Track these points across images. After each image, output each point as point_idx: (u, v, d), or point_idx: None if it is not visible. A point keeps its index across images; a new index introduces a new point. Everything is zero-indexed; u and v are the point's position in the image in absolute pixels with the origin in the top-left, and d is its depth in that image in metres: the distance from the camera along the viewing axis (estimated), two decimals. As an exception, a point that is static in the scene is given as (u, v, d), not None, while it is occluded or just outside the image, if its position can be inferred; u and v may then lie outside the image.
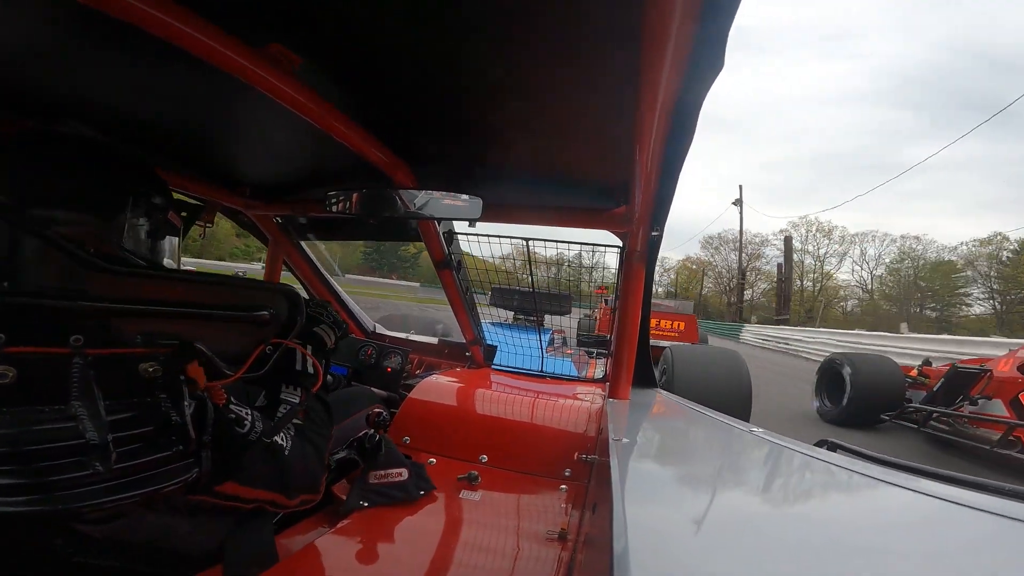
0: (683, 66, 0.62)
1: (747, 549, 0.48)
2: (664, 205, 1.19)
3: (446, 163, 1.36)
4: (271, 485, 0.81)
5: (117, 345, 0.61)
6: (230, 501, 0.76)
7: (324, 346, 1.00)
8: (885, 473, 0.67)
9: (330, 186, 1.34)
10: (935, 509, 0.57)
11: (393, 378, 1.91)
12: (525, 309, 2.70)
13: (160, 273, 0.76)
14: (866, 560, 0.45)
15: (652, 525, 0.52)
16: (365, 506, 1.08)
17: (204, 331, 0.71)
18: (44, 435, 0.55)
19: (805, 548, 0.49)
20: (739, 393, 3.09)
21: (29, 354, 0.55)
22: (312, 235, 2.12)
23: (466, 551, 0.99)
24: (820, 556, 0.47)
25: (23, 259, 0.61)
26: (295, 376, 0.89)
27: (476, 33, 0.77)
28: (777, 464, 0.83)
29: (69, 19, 0.73)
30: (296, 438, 0.86)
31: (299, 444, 0.86)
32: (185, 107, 1.10)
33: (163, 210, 0.81)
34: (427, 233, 1.66)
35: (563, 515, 1.13)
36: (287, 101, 0.88)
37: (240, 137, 1.33)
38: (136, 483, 0.61)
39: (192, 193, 1.55)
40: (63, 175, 0.70)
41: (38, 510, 0.54)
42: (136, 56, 0.83)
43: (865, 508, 0.62)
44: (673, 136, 0.83)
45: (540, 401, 1.61)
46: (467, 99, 1.00)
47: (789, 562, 0.45)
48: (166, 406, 0.64)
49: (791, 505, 0.63)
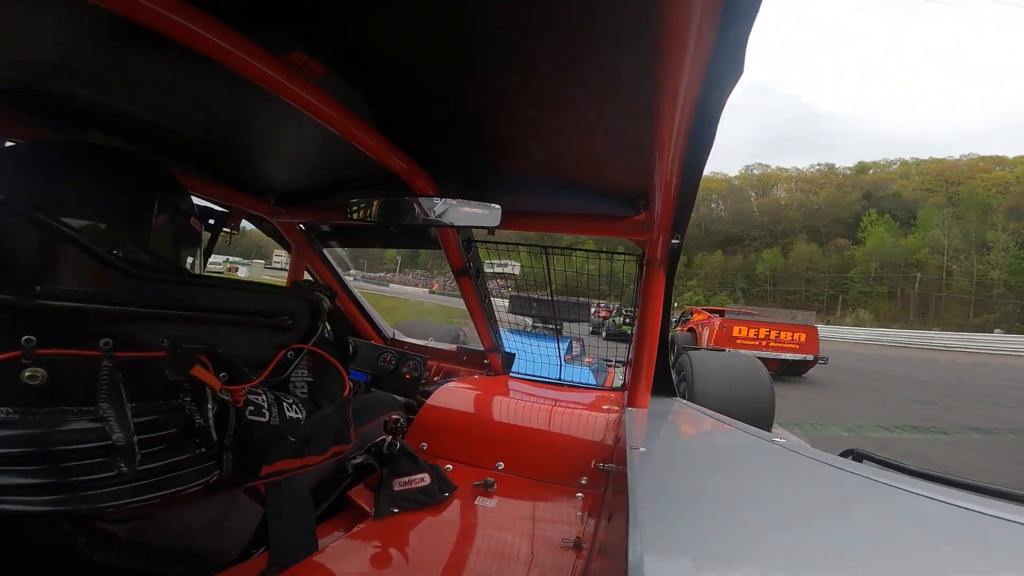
0: (703, 71, 0.62)
1: (766, 563, 0.47)
2: (685, 212, 1.18)
3: (465, 171, 1.38)
4: (299, 453, 0.83)
5: (144, 349, 0.63)
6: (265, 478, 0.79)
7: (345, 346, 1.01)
8: (913, 484, 0.65)
9: (351, 194, 1.36)
10: (965, 520, 0.55)
11: (411, 384, 1.92)
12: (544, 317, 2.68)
13: (187, 279, 0.78)
14: (892, 573, 0.43)
15: (668, 536, 0.51)
16: (396, 512, 1.10)
17: (227, 336, 0.72)
18: (71, 436, 0.56)
19: (827, 562, 0.47)
20: (761, 402, 3.02)
21: (60, 356, 0.57)
22: (334, 242, 2.15)
23: (481, 557, 0.99)
24: (845, 570, 0.45)
25: (54, 263, 0.63)
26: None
27: (494, 41, 0.78)
28: (800, 475, 0.81)
29: (96, 28, 0.76)
30: (311, 403, 0.88)
31: (313, 409, 0.88)
32: (210, 115, 1.13)
33: (186, 216, 0.83)
34: (446, 241, 1.68)
35: (579, 523, 1.11)
36: (310, 109, 0.89)
37: (264, 145, 1.36)
38: (159, 484, 0.62)
39: (218, 200, 1.59)
40: (89, 183, 0.73)
41: (63, 510, 0.55)
42: (162, 64, 0.86)
43: (892, 520, 0.60)
44: (693, 142, 0.82)
45: (558, 409, 1.60)
46: (486, 107, 1.01)
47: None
48: (190, 409, 0.66)
49: (814, 518, 0.61)
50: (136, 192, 0.78)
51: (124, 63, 0.88)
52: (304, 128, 1.05)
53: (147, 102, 1.06)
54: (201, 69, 0.79)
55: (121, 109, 1.08)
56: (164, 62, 0.85)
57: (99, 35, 0.78)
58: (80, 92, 1.00)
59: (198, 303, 0.72)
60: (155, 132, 1.19)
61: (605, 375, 2.83)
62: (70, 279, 0.63)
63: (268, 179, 1.65)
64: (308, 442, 0.84)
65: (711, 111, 0.74)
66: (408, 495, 1.15)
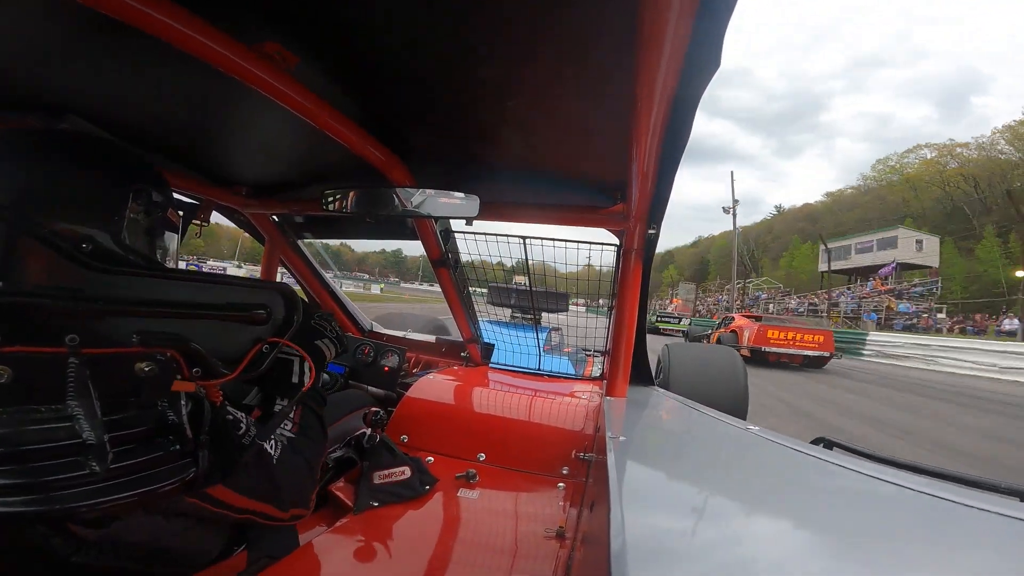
0: (679, 63, 0.62)
1: (743, 547, 0.48)
2: (661, 203, 1.19)
3: (443, 161, 1.36)
4: (262, 496, 0.80)
5: (113, 344, 0.61)
6: (221, 508, 0.75)
7: (323, 359, 1.00)
8: (881, 470, 0.68)
9: (327, 185, 1.34)
10: (931, 506, 0.57)
11: (390, 376, 1.91)
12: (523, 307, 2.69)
13: (156, 272, 0.75)
14: (860, 556, 0.45)
15: (649, 523, 0.52)
16: (376, 506, 1.09)
17: (200, 330, 0.70)
18: (40, 435, 0.54)
19: (800, 545, 0.49)
20: (736, 391, 3.09)
21: (25, 354, 0.55)
22: (309, 234, 2.11)
23: (465, 549, 0.99)
24: (815, 553, 0.47)
25: (18, 258, 0.60)
26: (291, 389, 0.89)
27: (471, 31, 0.77)
28: (773, 461, 0.84)
29: (67, 18, 0.73)
30: (288, 449, 0.85)
31: (289, 454, 0.85)
32: (181, 105, 1.09)
33: (163, 207, 0.81)
34: (424, 232, 1.66)
35: (561, 513, 1.13)
36: (283, 99, 0.87)
37: (237, 135, 1.32)
38: (133, 483, 0.61)
39: (188, 191, 1.54)
40: (63, 172, 0.69)
41: (35, 510, 0.54)
42: (133, 55, 0.83)
43: (860, 505, 0.62)
44: (670, 133, 0.83)
45: (537, 399, 1.61)
46: (463, 97, 1.00)
47: (785, 559, 0.45)
48: (163, 405, 0.64)
49: (787, 503, 0.63)
50: (112, 181, 0.74)
51: (95, 54, 0.85)
52: (279, 119, 1.02)
53: (118, 94, 1.02)
54: (173, 60, 0.76)
55: (91, 98, 1.03)
56: (133, 52, 0.82)
57: (70, 25, 0.75)
58: (48, 81, 0.96)
59: (169, 296, 0.70)
60: (124, 121, 1.15)
61: (584, 365, 2.86)
62: (33, 274, 0.61)
63: (241, 170, 1.61)
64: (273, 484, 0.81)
65: (688, 103, 0.74)
66: (388, 488, 1.14)
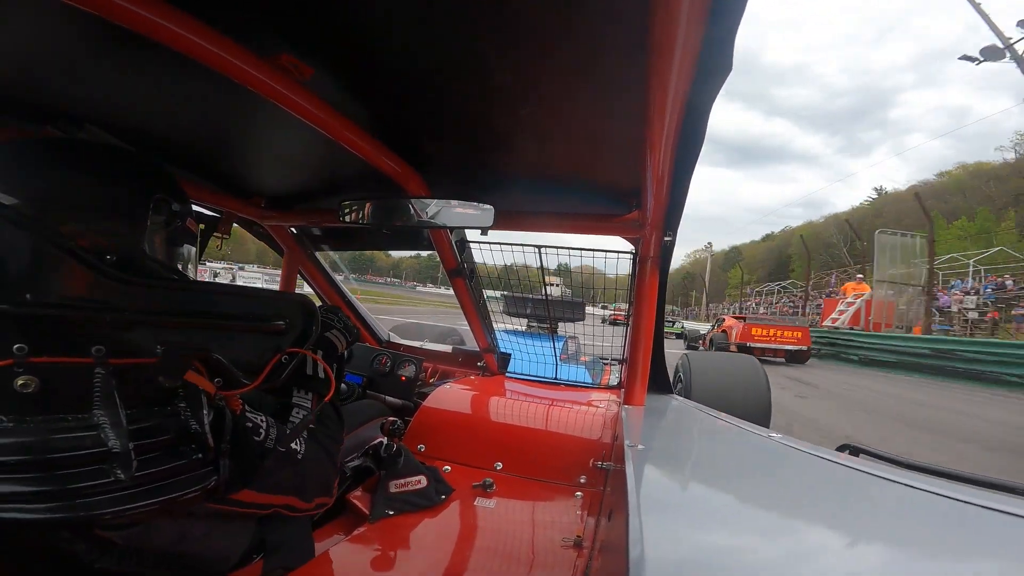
0: (691, 68, 0.62)
1: (766, 558, 0.47)
2: (677, 209, 1.18)
3: (458, 172, 1.37)
4: (286, 490, 0.82)
5: (138, 355, 0.62)
6: (246, 509, 0.77)
7: (335, 350, 1.00)
8: (909, 476, 0.65)
9: (343, 196, 1.35)
10: (963, 513, 0.55)
11: (408, 386, 1.92)
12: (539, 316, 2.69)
13: (180, 284, 0.77)
14: (889, 566, 0.43)
15: (668, 532, 0.51)
16: (391, 515, 1.09)
17: (222, 341, 0.71)
18: (66, 443, 0.56)
19: (826, 556, 0.47)
20: (758, 399, 3.03)
21: (52, 364, 0.56)
22: (326, 245, 2.14)
23: (481, 558, 0.99)
24: (843, 564, 0.46)
25: (45, 270, 0.62)
26: (306, 381, 0.90)
27: (484, 41, 0.78)
28: (798, 470, 0.82)
29: (86, 31, 0.75)
30: (309, 442, 0.87)
31: (312, 448, 0.87)
32: (199, 118, 1.12)
33: (182, 217, 0.82)
34: (439, 242, 1.67)
35: (579, 522, 1.11)
36: (299, 111, 0.89)
37: (254, 148, 1.35)
38: (156, 490, 0.62)
39: (208, 204, 1.58)
40: (84, 182, 0.71)
41: (60, 517, 0.55)
42: (151, 66, 0.85)
43: (890, 513, 0.60)
44: (684, 139, 0.82)
45: (554, 408, 1.60)
46: (477, 107, 1.01)
47: (810, 571, 0.44)
48: (185, 415, 0.65)
49: (812, 512, 0.61)
50: (133, 191, 0.76)
51: (113, 66, 0.87)
52: (295, 131, 1.04)
53: (136, 105, 1.05)
54: (189, 72, 0.78)
55: (110, 110, 1.06)
56: (152, 65, 0.84)
57: (90, 37, 0.77)
58: (68, 92, 0.99)
59: (191, 308, 0.71)
60: (144, 134, 1.17)
61: (601, 373, 2.83)
62: (61, 286, 0.62)
63: (259, 182, 1.64)
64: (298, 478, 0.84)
65: (701, 108, 0.74)
66: (404, 497, 1.14)
